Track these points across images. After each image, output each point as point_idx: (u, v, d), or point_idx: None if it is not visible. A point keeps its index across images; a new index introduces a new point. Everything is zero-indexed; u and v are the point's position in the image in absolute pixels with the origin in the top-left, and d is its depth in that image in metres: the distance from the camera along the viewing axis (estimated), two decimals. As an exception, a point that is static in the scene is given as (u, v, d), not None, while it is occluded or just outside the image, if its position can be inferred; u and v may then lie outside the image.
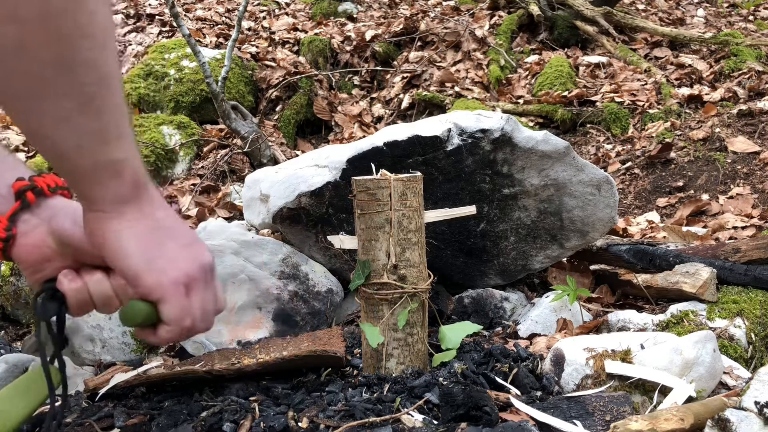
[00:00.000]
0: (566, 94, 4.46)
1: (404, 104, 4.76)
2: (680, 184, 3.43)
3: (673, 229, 2.58)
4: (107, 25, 0.67)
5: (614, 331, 1.66)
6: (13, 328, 2.50)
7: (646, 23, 5.46)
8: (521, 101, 4.65)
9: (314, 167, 1.87)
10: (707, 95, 4.20)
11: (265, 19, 5.76)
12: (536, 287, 2.08)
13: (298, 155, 3.72)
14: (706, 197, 3.25)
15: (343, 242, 1.44)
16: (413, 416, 1.15)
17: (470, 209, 1.49)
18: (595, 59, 5.03)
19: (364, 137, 2.65)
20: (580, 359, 1.34)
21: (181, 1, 5.78)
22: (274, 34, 5.42)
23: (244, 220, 2.18)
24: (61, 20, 0.61)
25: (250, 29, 5.41)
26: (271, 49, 5.13)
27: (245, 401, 1.29)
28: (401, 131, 1.79)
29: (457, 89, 4.78)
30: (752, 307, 1.66)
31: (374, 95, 5.09)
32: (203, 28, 5.38)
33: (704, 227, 2.76)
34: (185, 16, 5.51)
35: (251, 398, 1.32)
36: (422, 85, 4.96)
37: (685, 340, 1.34)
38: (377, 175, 1.37)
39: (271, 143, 3.94)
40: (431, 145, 1.76)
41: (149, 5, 5.64)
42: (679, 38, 5.18)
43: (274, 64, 4.84)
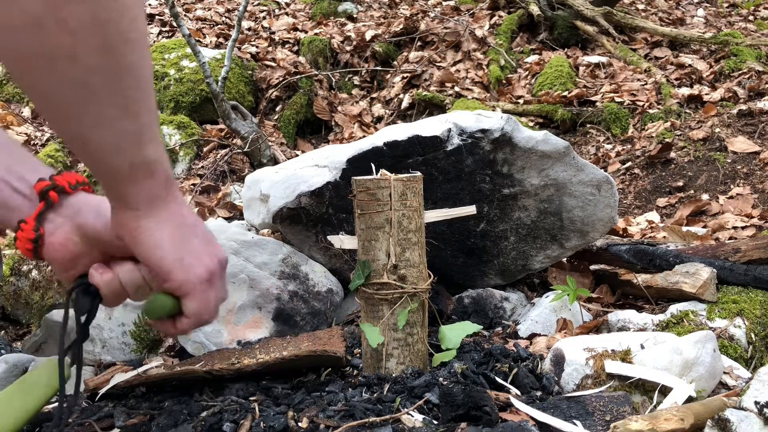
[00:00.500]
0: (566, 94, 4.46)
1: (404, 104, 4.76)
2: (680, 184, 3.43)
3: (673, 229, 2.58)
4: (145, 30, 0.69)
5: (614, 331, 1.66)
6: (13, 328, 2.50)
7: (646, 23, 5.46)
8: (521, 101, 4.65)
9: (314, 167, 1.87)
10: (707, 95, 4.20)
11: (265, 19, 5.76)
12: (536, 287, 2.08)
13: (298, 155, 3.72)
14: (706, 197, 3.25)
15: (343, 242, 1.44)
16: (413, 416, 1.15)
17: (470, 209, 1.49)
18: (595, 59, 5.03)
19: (364, 137, 2.65)
20: (580, 359, 1.34)
21: (181, 1, 5.78)
22: (274, 34, 5.42)
23: (244, 220, 2.18)
24: (108, 28, 0.63)
25: (250, 29, 5.41)
26: (271, 49, 5.13)
27: (245, 401, 1.29)
28: (401, 131, 1.79)
29: (457, 89, 4.78)
30: (752, 307, 1.66)
31: (374, 95, 5.09)
32: (203, 28, 5.38)
33: (704, 227, 2.76)
34: (185, 16, 5.51)
35: (251, 398, 1.32)
36: (422, 85, 4.96)
37: (685, 340, 1.34)
38: (377, 175, 1.37)
39: (271, 143, 3.94)
40: (431, 145, 1.76)
41: (149, 5, 5.64)
42: (679, 38, 5.19)
43: (274, 64, 4.84)
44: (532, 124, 4.36)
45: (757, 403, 1.13)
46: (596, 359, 1.33)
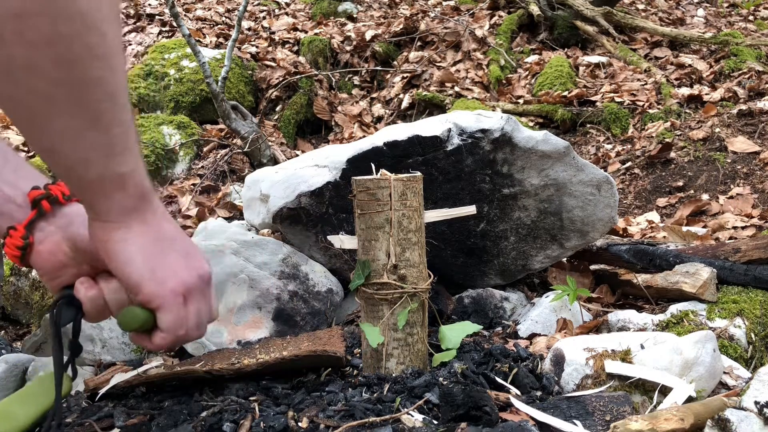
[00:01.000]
0: (566, 94, 4.46)
1: (404, 104, 4.76)
2: (680, 184, 3.43)
3: (673, 229, 2.58)
4: (117, 44, 0.68)
5: (614, 331, 1.66)
6: (13, 328, 2.50)
7: (646, 23, 5.46)
8: (521, 101, 4.65)
9: (314, 167, 1.87)
10: (707, 95, 4.20)
11: (265, 19, 5.76)
12: (536, 287, 2.08)
13: (298, 155, 3.72)
14: (706, 197, 3.25)
15: (343, 242, 1.44)
16: (413, 416, 1.15)
17: (470, 209, 1.49)
18: (595, 59, 5.03)
19: (364, 137, 2.65)
20: (580, 359, 1.34)
21: (181, 1, 5.78)
22: (274, 34, 5.42)
23: (244, 220, 2.18)
24: (71, 43, 0.63)
25: (250, 29, 5.41)
26: (271, 49, 5.13)
27: (245, 401, 1.29)
28: (401, 131, 1.79)
29: (457, 89, 4.78)
30: (752, 307, 1.66)
31: (374, 95, 5.09)
32: (203, 28, 5.38)
33: (704, 227, 2.76)
34: (185, 16, 5.51)
35: (251, 398, 1.32)
36: (422, 85, 4.96)
37: (685, 340, 1.34)
38: (377, 175, 1.37)
39: (271, 143, 3.94)
40: (431, 145, 1.76)
41: (149, 5, 5.64)
42: (679, 38, 5.19)
43: (274, 64, 4.84)
44: (532, 124, 4.36)
45: (757, 403, 1.13)
46: (596, 359, 1.33)
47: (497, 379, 1.34)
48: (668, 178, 3.51)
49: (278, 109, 4.63)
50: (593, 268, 2.10)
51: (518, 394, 1.29)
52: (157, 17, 5.49)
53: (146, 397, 1.43)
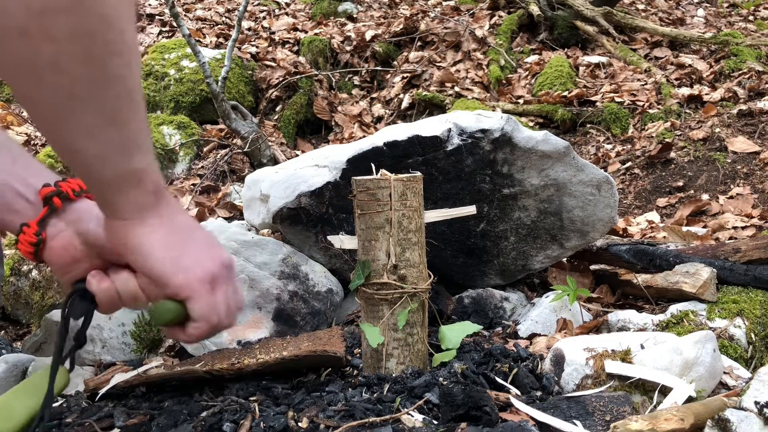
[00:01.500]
0: (566, 94, 4.46)
1: (404, 104, 4.76)
2: (680, 184, 3.43)
3: (673, 229, 2.58)
4: (134, 42, 0.70)
5: (614, 331, 1.66)
6: (13, 328, 2.50)
7: (646, 23, 5.46)
8: (521, 101, 4.65)
9: (314, 167, 1.87)
10: (707, 95, 4.20)
11: (265, 19, 5.76)
12: (536, 287, 2.08)
13: (298, 155, 3.72)
14: (706, 197, 3.25)
15: (343, 242, 1.44)
16: (413, 416, 1.15)
17: (470, 209, 1.49)
18: (595, 59, 5.03)
19: (364, 137, 2.65)
20: (580, 359, 1.34)
21: (181, 1, 5.78)
22: (274, 34, 5.42)
23: (244, 220, 2.18)
24: (93, 39, 0.64)
25: (250, 29, 5.41)
26: (271, 49, 5.13)
27: (245, 401, 1.29)
28: (401, 131, 1.79)
29: (457, 89, 4.78)
30: (752, 307, 1.66)
31: (374, 95, 5.09)
32: (203, 28, 5.38)
33: (704, 227, 2.76)
34: (185, 16, 5.51)
35: (251, 398, 1.32)
36: (422, 85, 4.95)
37: (685, 340, 1.34)
38: (377, 175, 1.37)
39: (271, 143, 3.94)
40: (431, 145, 1.76)
41: (149, 5, 5.64)
42: (679, 38, 5.18)
43: (274, 64, 4.84)
44: (532, 124, 4.36)
45: (757, 403, 1.13)
46: (596, 359, 1.33)
47: (497, 379, 1.34)
48: (668, 178, 3.51)
49: (278, 109, 4.63)
50: (593, 268, 2.10)
51: (518, 394, 1.29)
52: (157, 17, 5.49)
53: (146, 397, 1.43)
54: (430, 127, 1.79)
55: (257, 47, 5.03)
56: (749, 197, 3.11)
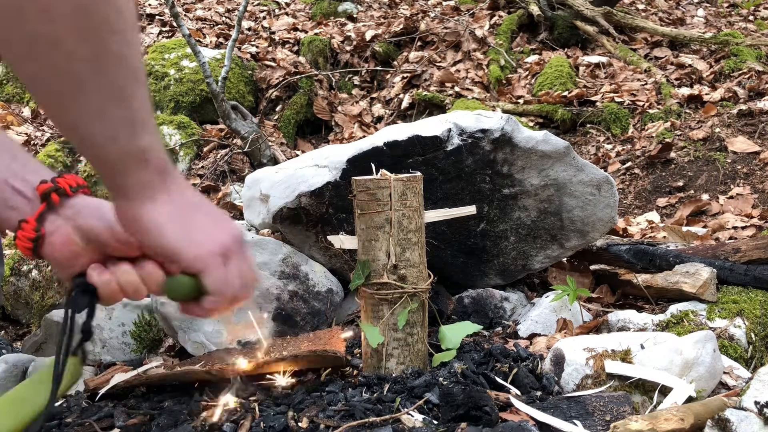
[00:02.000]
0: (566, 94, 4.46)
1: (404, 104, 4.76)
2: (680, 184, 3.43)
3: (673, 229, 2.58)
4: (133, 21, 0.71)
5: (614, 331, 1.66)
6: (13, 328, 2.50)
7: (646, 23, 5.46)
8: (521, 101, 4.65)
9: (314, 167, 1.87)
10: (707, 95, 4.20)
11: (265, 19, 5.76)
12: (536, 287, 2.08)
13: (298, 155, 3.72)
14: (706, 197, 3.25)
15: (343, 242, 1.44)
16: (413, 416, 1.15)
17: (470, 209, 1.49)
18: (595, 59, 5.03)
19: (364, 137, 2.65)
20: (580, 359, 1.34)
21: (181, 1, 5.78)
22: (274, 34, 5.42)
23: (244, 220, 2.18)
24: (91, 17, 0.65)
25: (250, 29, 5.41)
26: (271, 49, 5.12)
27: (245, 401, 1.29)
28: (401, 131, 1.79)
29: (457, 89, 4.78)
30: (752, 307, 1.66)
31: (374, 95, 5.08)
32: (203, 28, 5.38)
33: (704, 227, 2.76)
34: (185, 16, 5.51)
35: (251, 398, 1.32)
36: (422, 85, 4.95)
37: (685, 340, 1.34)
38: (377, 175, 1.37)
39: (271, 143, 3.94)
40: (431, 145, 1.76)
41: (149, 5, 5.64)
42: (679, 38, 5.18)
43: (274, 64, 4.84)
44: (532, 124, 4.36)
45: (757, 403, 1.13)
46: (596, 359, 1.33)
47: (497, 379, 1.34)
48: (668, 178, 3.51)
49: (278, 109, 4.63)
50: (593, 268, 2.10)
51: (518, 394, 1.29)
52: (157, 17, 5.49)
53: (146, 397, 1.43)
54: (430, 127, 1.79)
55: (257, 47, 5.03)
56: (749, 197, 3.11)
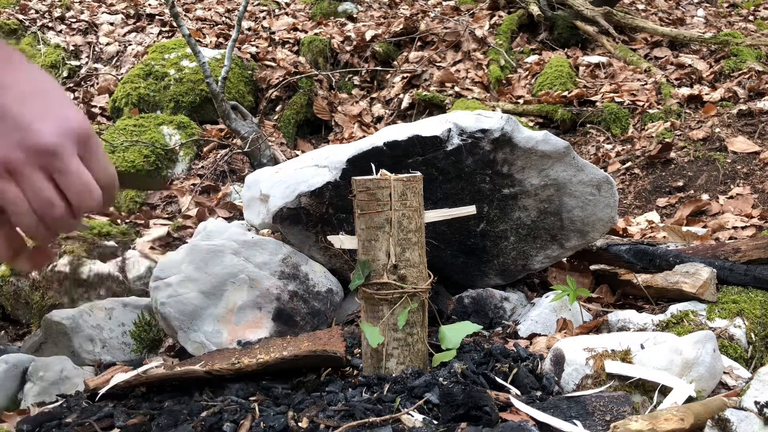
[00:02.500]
0: (566, 94, 4.46)
1: (404, 104, 4.76)
2: (680, 184, 3.43)
3: (673, 229, 2.58)
4: None
5: (614, 331, 1.66)
6: (13, 328, 2.51)
7: (646, 23, 5.46)
8: (521, 101, 4.65)
9: (314, 167, 1.87)
10: (707, 95, 4.20)
11: (265, 19, 5.76)
12: (536, 287, 2.08)
13: (298, 155, 3.72)
14: (706, 197, 3.25)
15: (343, 242, 1.44)
16: (413, 416, 1.15)
17: (470, 209, 1.49)
18: (595, 59, 5.03)
19: (364, 137, 2.65)
20: (580, 359, 1.34)
21: (181, 1, 5.78)
22: (274, 34, 5.42)
23: (244, 220, 2.18)
24: None
25: (250, 29, 5.41)
26: (271, 49, 5.13)
27: (245, 401, 1.29)
28: (401, 131, 1.79)
29: (457, 89, 4.78)
30: (752, 307, 1.66)
31: (374, 95, 5.08)
32: (203, 28, 5.38)
33: (704, 227, 2.76)
34: (185, 16, 5.51)
35: (251, 398, 1.32)
36: (422, 85, 4.95)
37: (685, 340, 1.34)
38: (377, 175, 1.37)
39: (271, 143, 3.94)
40: (431, 145, 1.76)
41: (149, 5, 5.64)
42: (679, 38, 5.18)
43: (274, 64, 4.84)
44: (532, 124, 4.36)
45: (757, 403, 1.13)
46: (596, 359, 1.33)
47: (497, 379, 1.34)
48: (668, 178, 3.51)
49: (278, 109, 4.63)
50: (593, 268, 2.10)
51: (518, 394, 1.29)
52: (157, 17, 5.49)
53: (146, 397, 1.43)
54: (430, 127, 1.79)
55: (257, 47, 5.03)
56: (749, 197, 3.11)
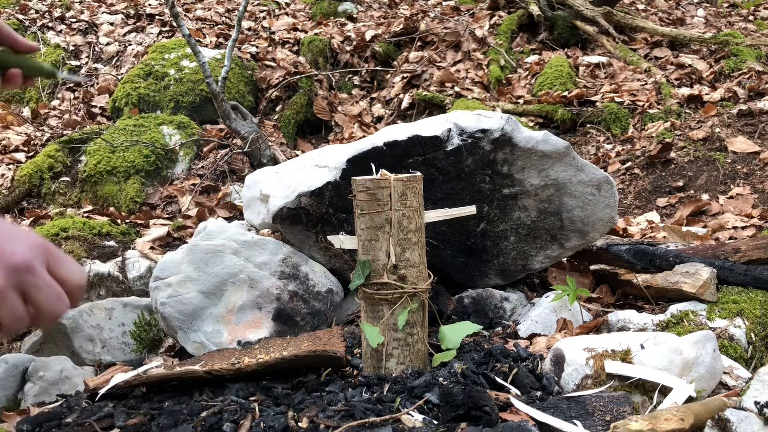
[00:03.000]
0: (566, 94, 4.46)
1: (404, 104, 4.76)
2: (680, 184, 3.43)
3: (673, 229, 2.58)
4: None
5: (614, 331, 1.66)
6: (13, 328, 2.50)
7: (646, 23, 5.46)
8: (521, 101, 4.65)
9: (314, 167, 1.87)
10: (707, 95, 4.20)
11: (265, 19, 5.76)
12: (536, 287, 2.08)
13: (298, 155, 3.72)
14: (706, 197, 3.25)
15: (343, 242, 1.44)
16: (413, 416, 1.15)
17: (470, 209, 1.49)
18: (595, 59, 5.02)
19: (364, 137, 2.65)
20: (580, 359, 1.34)
21: (181, 1, 5.78)
22: (274, 34, 5.42)
23: (244, 220, 2.18)
24: None
25: (250, 29, 5.41)
26: (271, 49, 5.12)
27: (245, 401, 1.29)
28: (401, 131, 1.79)
29: (457, 89, 4.78)
30: (752, 307, 1.66)
31: (374, 95, 5.08)
32: (203, 28, 5.38)
33: (704, 227, 2.76)
34: (185, 16, 5.51)
35: (251, 398, 1.32)
36: (422, 85, 4.95)
37: (685, 340, 1.34)
38: (377, 175, 1.37)
39: (271, 143, 3.94)
40: (431, 145, 1.76)
41: (149, 5, 5.64)
42: (679, 38, 5.18)
43: (274, 64, 4.84)
44: (532, 124, 4.36)
45: (757, 403, 1.13)
46: (596, 359, 1.33)
47: (497, 379, 1.34)
48: (668, 178, 3.51)
49: (278, 109, 4.63)
50: (593, 268, 2.10)
51: (518, 394, 1.29)
52: (157, 17, 5.49)
53: (146, 397, 1.43)
54: (430, 127, 1.79)
55: (257, 47, 5.03)
56: (749, 197, 3.11)
